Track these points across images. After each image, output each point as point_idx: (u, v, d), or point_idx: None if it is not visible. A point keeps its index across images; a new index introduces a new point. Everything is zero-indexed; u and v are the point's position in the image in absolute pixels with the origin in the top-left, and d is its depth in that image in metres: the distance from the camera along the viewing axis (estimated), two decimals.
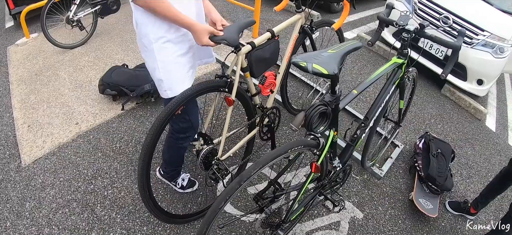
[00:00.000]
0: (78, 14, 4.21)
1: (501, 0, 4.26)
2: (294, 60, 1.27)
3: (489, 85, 4.02)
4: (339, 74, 2.78)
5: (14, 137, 2.86)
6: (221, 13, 1.86)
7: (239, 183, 1.29)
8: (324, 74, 1.24)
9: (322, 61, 1.26)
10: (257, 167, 1.32)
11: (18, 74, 3.83)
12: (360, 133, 1.96)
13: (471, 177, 2.98)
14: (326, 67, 1.24)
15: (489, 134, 3.68)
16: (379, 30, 2.11)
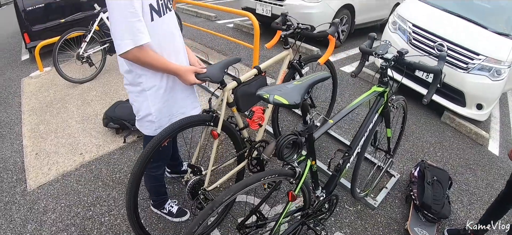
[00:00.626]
0: (88, 51, 4.45)
1: (494, 22, 4.27)
2: (258, 92, 1.35)
3: (490, 109, 3.98)
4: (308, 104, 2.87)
5: (22, 163, 3.02)
6: (223, 51, 1.99)
7: (212, 209, 1.35)
8: (284, 105, 1.30)
9: (284, 92, 1.33)
10: (229, 193, 1.38)
11: (30, 104, 4.04)
12: (344, 163, 2.00)
13: (473, 204, 2.93)
14: (287, 98, 1.31)
15: (492, 158, 3.63)
16: (363, 61, 2.17)
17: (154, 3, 1.61)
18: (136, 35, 1.52)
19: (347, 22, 6.16)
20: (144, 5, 1.55)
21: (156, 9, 1.63)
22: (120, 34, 1.52)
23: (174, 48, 1.80)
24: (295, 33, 2.46)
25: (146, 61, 1.61)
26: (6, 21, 10.94)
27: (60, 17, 5.33)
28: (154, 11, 1.61)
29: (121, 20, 1.50)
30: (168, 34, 1.75)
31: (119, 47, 1.54)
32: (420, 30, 4.19)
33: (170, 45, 1.77)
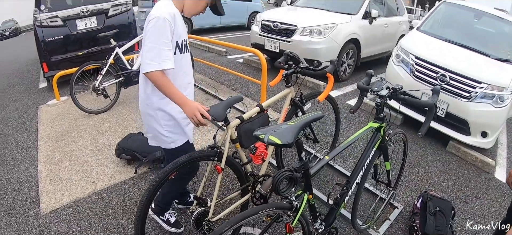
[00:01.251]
0: (103, 83, 4.64)
1: (496, 49, 4.33)
2: (255, 133, 1.47)
3: (495, 136, 3.99)
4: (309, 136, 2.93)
5: (37, 188, 3.15)
6: (232, 86, 2.14)
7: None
8: (278, 144, 1.41)
9: (278, 133, 1.44)
10: (228, 225, 1.46)
11: (46, 132, 4.22)
12: (342, 197, 2.07)
13: (478, 233, 2.91)
14: (281, 138, 1.42)
15: (498, 185, 3.61)
16: (361, 97, 2.27)
17: (179, 42, 1.96)
18: (164, 60, 1.82)
19: (353, 56, 6.28)
20: (173, 41, 1.89)
21: (180, 47, 1.98)
22: (151, 56, 1.81)
23: (184, 82, 2.09)
24: (295, 72, 2.59)
25: (162, 84, 1.86)
26: (25, 49, 11.39)
27: (77, 50, 5.60)
28: (178, 48, 1.96)
29: (155, 45, 1.81)
30: (183, 70, 2.05)
31: (148, 67, 1.82)
32: (422, 62, 4.26)
33: (183, 79, 2.07)
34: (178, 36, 1.93)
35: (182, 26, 1.99)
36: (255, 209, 1.55)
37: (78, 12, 5.60)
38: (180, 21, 1.96)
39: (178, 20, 1.94)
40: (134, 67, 4.88)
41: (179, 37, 1.96)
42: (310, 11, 6.51)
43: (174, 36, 1.90)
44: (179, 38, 1.96)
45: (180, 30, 1.96)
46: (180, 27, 1.96)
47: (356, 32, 6.03)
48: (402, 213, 3.02)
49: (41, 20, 5.42)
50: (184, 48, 2.03)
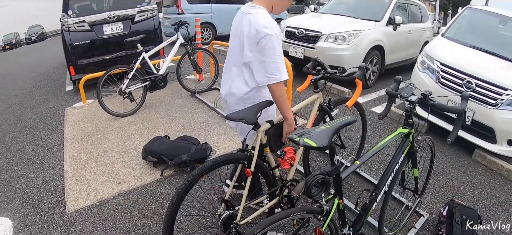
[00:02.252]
0: (129, 87, 4.76)
1: None
2: (290, 136, 1.49)
3: None
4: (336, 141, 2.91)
5: (62, 187, 3.24)
6: None
7: None
8: (313, 147, 1.42)
9: (313, 136, 1.45)
10: (260, 228, 1.47)
11: (72, 133, 4.34)
12: (371, 202, 2.06)
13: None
14: (316, 141, 1.43)
15: None
16: (389, 103, 2.26)
17: None
18: (285, 72, 2.03)
19: (378, 63, 6.24)
20: None
21: None
22: (281, 67, 2.01)
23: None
24: (324, 77, 2.60)
25: (282, 94, 2.07)
26: (51, 54, 11.73)
27: (104, 54, 5.76)
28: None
29: (280, 58, 2.01)
30: None
31: (277, 78, 2.00)
32: (448, 68, 4.20)
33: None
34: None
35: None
36: (286, 212, 1.56)
37: (105, 18, 5.75)
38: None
39: None
40: (160, 72, 4.97)
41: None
42: (334, 18, 6.51)
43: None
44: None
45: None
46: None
47: (380, 38, 6.00)
48: (427, 221, 2.96)
49: (69, 24, 5.59)
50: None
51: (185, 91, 5.69)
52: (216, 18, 10.86)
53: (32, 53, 14.14)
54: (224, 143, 4.01)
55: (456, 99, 3.87)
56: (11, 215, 2.92)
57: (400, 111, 4.87)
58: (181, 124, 4.55)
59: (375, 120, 4.92)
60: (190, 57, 5.36)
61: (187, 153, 3.38)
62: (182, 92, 5.75)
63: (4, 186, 3.37)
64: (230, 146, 3.94)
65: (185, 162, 3.36)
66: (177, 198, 1.89)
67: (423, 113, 2.68)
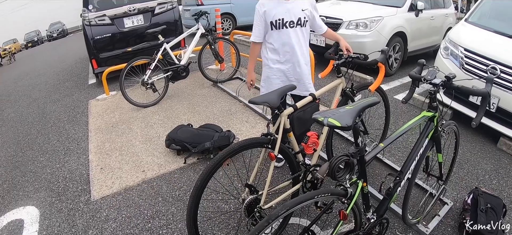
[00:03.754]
0: (152, 78, 4.86)
1: None
2: (314, 116, 1.50)
3: None
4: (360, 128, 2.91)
5: (88, 176, 3.35)
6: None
7: (268, 221, 1.46)
8: (337, 127, 1.43)
9: (338, 116, 1.46)
10: (284, 208, 1.48)
11: (96, 124, 4.47)
12: (395, 187, 2.05)
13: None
14: (340, 120, 1.43)
15: None
16: (413, 87, 2.23)
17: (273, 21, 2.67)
18: (253, 36, 2.81)
19: (400, 50, 6.13)
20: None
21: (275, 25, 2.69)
22: (252, 31, 2.78)
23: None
24: (346, 62, 2.59)
25: (250, 52, 2.92)
26: (73, 49, 12.01)
27: (126, 46, 5.86)
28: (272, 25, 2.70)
29: (255, 23, 2.73)
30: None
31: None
32: (472, 54, 4.09)
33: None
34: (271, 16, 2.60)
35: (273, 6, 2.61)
36: (311, 194, 1.57)
37: (125, 11, 5.85)
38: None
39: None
40: (182, 62, 5.03)
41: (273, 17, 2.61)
42: (355, 5, 6.43)
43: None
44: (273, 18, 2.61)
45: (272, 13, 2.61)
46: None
47: (402, 25, 5.88)
48: (451, 210, 2.92)
49: (90, 19, 5.72)
50: (278, 26, 2.64)
51: (207, 81, 5.75)
52: (236, 9, 10.87)
53: (54, 49, 14.52)
54: (247, 131, 4.05)
55: (480, 85, 3.78)
56: (38, 204, 3.04)
57: (423, 98, 4.79)
58: (204, 113, 4.61)
59: (399, 106, 4.86)
60: (211, 47, 5.41)
61: (210, 140, 3.43)
62: (204, 82, 5.81)
63: (30, 176, 3.50)
64: (252, 134, 3.98)
65: (208, 149, 3.41)
66: (201, 182, 1.92)
67: (447, 100, 2.63)
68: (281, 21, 2.62)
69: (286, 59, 2.76)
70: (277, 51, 2.75)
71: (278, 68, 2.80)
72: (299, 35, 2.73)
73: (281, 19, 2.61)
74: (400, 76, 6.15)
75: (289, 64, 2.78)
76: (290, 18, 2.63)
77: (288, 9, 2.62)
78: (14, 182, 3.43)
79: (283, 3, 2.61)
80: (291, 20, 2.64)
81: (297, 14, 2.64)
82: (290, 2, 2.62)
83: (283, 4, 2.61)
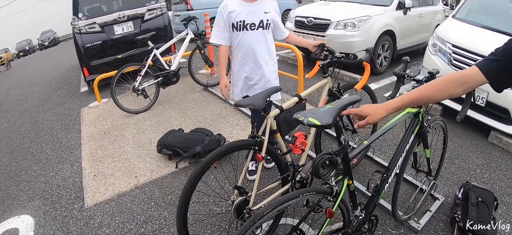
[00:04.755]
0: (143, 84, 4.86)
1: None
2: (294, 116, 1.51)
3: None
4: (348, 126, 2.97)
5: (81, 183, 3.35)
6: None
7: (253, 221, 1.47)
8: (317, 126, 1.44)
9: (318, 115, 1.47)
10: (270, 208, 1.50)
11: (89, 132, 4.46)
12: (383, 184, 2.06)
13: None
14: (320, 119, 1.44)
15: None
16: (398, 85, 2.25)
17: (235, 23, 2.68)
18: (212, 37, 2.82)
19: (389, 48, 6.17)
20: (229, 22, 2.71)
21: (235, 27, 2.70)
22: (212, 32, 2.77)
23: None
24: (332, 62, 2.60)
25: (219, 56, 2.81)
26: (64, 57, 11.97)
27: (116, 53, 5.86)
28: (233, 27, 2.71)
29: (215, 25, 2.74)
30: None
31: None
32: (460, 50, 4.12)
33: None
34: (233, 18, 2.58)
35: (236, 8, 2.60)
36: (296, 193, 1.58)
37: (115, 18, 5.85)
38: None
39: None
40: (172, 68, 5.04)
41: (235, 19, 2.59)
42: (343, 5, 6.47)
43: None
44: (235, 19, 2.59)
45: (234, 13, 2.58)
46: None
47: (391, 23, 5.93)
48: (443, 205, 2.94)
49: (80, 27, 5.71)
50: (239, 28, 2.62)
51: (197, 85, 5.77)
52: None
53: (46, 58, 14.49)
54: (237, 134, 4.07)
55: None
56: (32, 212, 3.03)
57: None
58: (195, 117, 4.63)
59: None
60: (201, 51, 5.42)
61: (201, 144, 3.46)
62: (195, 86, 5.83)
63: (24, 185, 3.49)
64: (243, 136, 3.99)
65: (199, 153, 3.42)
66: (189, 185, 1.93)
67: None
68: (242, 23, 2.62)
69: (245, 62, 2.75)
70: (238, 54, 2.76)
71: (239, 71, 2.81)
72: (261, 37, 2.71)
73: (242, 21, 2.61)
74: (390, 74, 6.18)
75: (249, 67, 2.77)
76: (252, 20, 2.63)
77: (251, 11, 2.62)
78: (9, 192, 3.42)
79: (245, 5, 2.61)
80: (252, 22, 2.63)
81: (259, 16, 2.64)
82: (253, 4, 2.62)
83: (245, 5, 2.61)
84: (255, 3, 2.62)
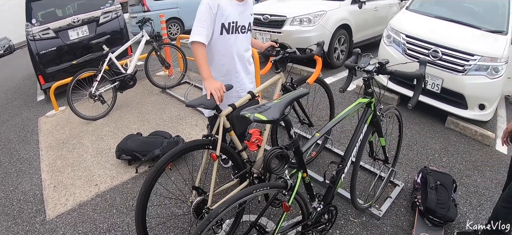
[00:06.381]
0: (99, 90, 4.70)
1: (487, 21, 4.32)
2: (241, 112, 1.50)
3: (493, 108, 3.97)
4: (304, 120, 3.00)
5: (41, 195, 3.22)
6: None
7: (209, 220, 1.46)
8: (263, 121, 1.44)
9: (264, 110, 1.47)
10: (224, 205, 1.49)
11: (47, 142, 4.28)
12: (338, 174, 2.09)
13: (482, 205, 2.89)
14: (267, 115, 1.45)
15: (500, 157, 3.58)
16: (350, 76, 2.29)
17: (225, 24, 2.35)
18: (196, 35, 2.27)
19: (346, 42, 6.27)
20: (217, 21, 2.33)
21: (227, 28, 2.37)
22: (195, 30, 2.27)
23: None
24: (284, 58, 2.60)
25: (196, 54, 2.28)
26: (20, 65, 11.45)
27: (71, 59, 5.63)
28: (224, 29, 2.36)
29: (197, 21, 2.28)
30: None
31: (190, 39, 2.28)
32: (413, 40, 4.26)
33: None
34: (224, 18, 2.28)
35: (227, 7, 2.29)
36: (250, 189, 1.58)
37: (70, 23, 5.64)
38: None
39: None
40: (129, 71, 4.92)
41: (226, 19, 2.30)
42: (299, 1, 6.51)
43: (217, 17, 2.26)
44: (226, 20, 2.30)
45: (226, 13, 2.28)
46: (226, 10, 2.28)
47: (346, 17, 6.02)
48: (403, 191, 3.02)
49: (34, 33, 5.47)
50: (231, 30, 2.36)
51: (155, 88, 5.67)
52: (183, 13, 10.62)
53: (1, 68, 13.77)
54: (196, 134, 4.04)
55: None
56: None
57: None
58: (154, 120, 4.56)
59: (346, 98, 5.00)
60: (157, 53, 5.33)
61: (160, 147, 3.42)
62: (153, 89, 5.73)
63: None
64: (196, 133, 4.01)
65: (158, 156, 3.36)
66: (145, 188, 1.89)
67: (383, 81, 2.68)
68: (235, 25, 2.36)
69: (227, 70, 2.51)
70: (219, 59, 2.46)
71: (219, 77, 2.47)
72: (246, 42, 2.57)
73: (235, 22, 2.35)
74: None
75: (229, 76, 2.52)
76: (243, 23, 2.42)
77: (241, 12, 2.39)
78: None
79: (236, 5, 2.35)
80: (243, 24, 2.42)
81: (247, 18, 2.46)
82: (242, 4, 2.40)
83: (236, 6, 2.35)
84: (243, 3, 2.39)
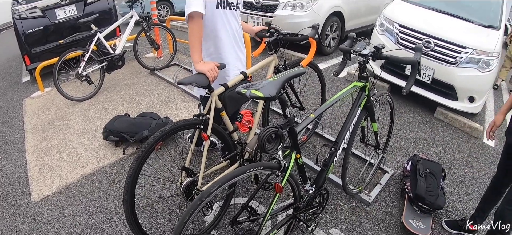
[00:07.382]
0: (86, 70, 4.57)
1: (480, 16, 4.36)
2: (237, 89, 1.46)
3: (482, 101, 4.03)
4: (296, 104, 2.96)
5: (26, 178, 3.13)
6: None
7: (200, 200, 1.43)
8: (260, 97, 1.41)
9: (260, 87, 1.43)
10: (216, 185, 1.46)
11: (32, 123, 4.17)
12: (331, 157, 2.08)
13: (469, 194, 2.95)
14: (263, 91, 1.41)
15: (487, 150, 3.65)
16: (344, 60, 2.26)
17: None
18: (193, 6, 2.08)
19: (338, 29, 6.25)
20: None
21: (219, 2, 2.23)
22: (189, 2, 2.09)
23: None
24: (278, 40, 2.56)
25: (191, 31, 2.11)
26: (5, 46, 11.16)
27: (58, 39, 5.47)
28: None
29: None
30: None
31: (186, 12, 2.11)
32: (406, 29, 4.27)
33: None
34: None
35: None
36: (243, 169, 1.55)
37: (57, 1, 5.47)
38: None
39: None
40: (117, 52, 4.81)
41: None
42: None
43: None
44: None
45: None
46: None
47: (339, 5, 5.98)
48: (392, 177, 3.06)
49: (20, 12, 5.29)
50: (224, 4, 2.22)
51: (144, 69, 5.57)
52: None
53: None
54: (185, 116, 3.99)
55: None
56: None
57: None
58: (142, 102, 4.49)
59: (338, 84, 5.00)
60: (146, 34, 5.21)
61: (148, 128, 3.35)
62: (141, 70, 5.63)
63: None
64: (185, 114, 3.98)
65: (146, 138, 3.31)
66: (134, 168, 1.85)
67: (376, 70, 2.68)
68: (226, 1, 2.24)
69: (223, 45, 2.37)
70: (216, 35, 2.32)
71: (215, 57, 2.39)
72: (238, 19, 2.45)
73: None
74: (338, 54, 6.27)
75: (225, 53, 2.41)
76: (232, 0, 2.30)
77: None
78: None
79: None
80: (232, 1, 2.29)
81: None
82: None
83: None
84: None
